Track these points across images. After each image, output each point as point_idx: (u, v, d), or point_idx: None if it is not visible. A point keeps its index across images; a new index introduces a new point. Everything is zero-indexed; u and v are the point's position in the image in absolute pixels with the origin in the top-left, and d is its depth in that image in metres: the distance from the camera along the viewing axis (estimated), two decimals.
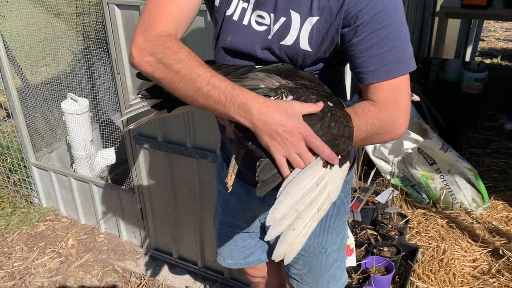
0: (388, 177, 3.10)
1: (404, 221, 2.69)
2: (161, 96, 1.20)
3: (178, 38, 1.11)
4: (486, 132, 4.02)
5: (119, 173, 3.02)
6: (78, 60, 2.80)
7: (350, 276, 2.24)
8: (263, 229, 1.52)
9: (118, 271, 2.67)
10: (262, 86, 1.04)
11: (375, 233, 2.58)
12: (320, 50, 1.11)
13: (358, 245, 2.49)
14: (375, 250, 2.44)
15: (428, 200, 3.06)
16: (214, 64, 1.17)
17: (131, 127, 1.35)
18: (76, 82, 2.81)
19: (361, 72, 1.07)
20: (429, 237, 2.75)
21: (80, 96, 2.77)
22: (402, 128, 1.07)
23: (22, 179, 3.13)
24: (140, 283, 2.56)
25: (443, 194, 2.99)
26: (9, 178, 3.18)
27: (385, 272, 2.32)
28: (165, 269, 2.67)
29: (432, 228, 2.81)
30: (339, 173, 1.01)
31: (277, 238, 1.45)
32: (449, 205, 3.00)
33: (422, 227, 2.84)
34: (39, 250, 2.82)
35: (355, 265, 2.17)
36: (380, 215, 2.70)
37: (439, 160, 3.03)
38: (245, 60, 1.20)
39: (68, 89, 2.75)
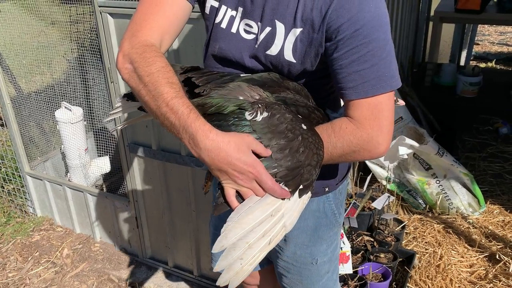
0: (384, 182, 3.10)
1: (400, 226, 2.68)
2: None
3: (165, 46, 1.13)
4: (481, 136, 4.03)
5: (114, 182, 3.00)
6: (73, 68, 2.79)
7: (346, 284, 2.23)
8: None
9: (113, 281, 2.65)
10: (241, 98, 1.03)
11: (372, 239, 2.57)
12: (305, 62, 1.10)
13: (354, 251, 2.47)
14: (371, 257, 2.43)
15: (424, 205, 3.05)
16: (199, 70, 1.16)
17: (119, 127, 1.35)
18: (71, 90, 2.80)
19: (341, 87, 1.05)
20: (426, 242, 2.74)
21: (74, 104, 2.76)
22: (381, 148, 1.05)
23: (17, 188, 3.11)
24: None
25: (439, 199, 2.98)
26: (3, 188, 3.16)
27: (382, 279, 2.31)
28: (161, 278, 2.65)
29: (429, 234, 2.81)
30: (298, 204, 0.98)
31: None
32: (446, 210, 3.00)
33: (418, 233, 2.83)
34: (34, 260, 2.80)
35: (352, 272, 2.15)
36: (376, 221, 2.69)
37: (435, 165, 3.03)
38: (233, 69, 1.20)
39: (62, 98, 2.74)
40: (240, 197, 0.95)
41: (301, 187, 0.97)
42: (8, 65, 2.80)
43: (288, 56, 1.11)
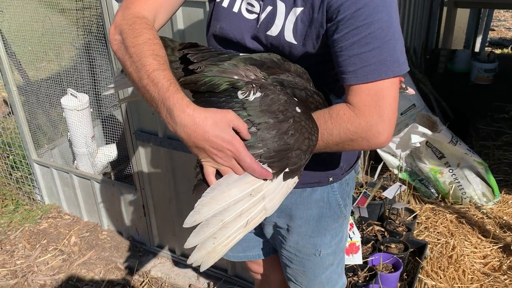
0: (395, 171, 3.04)
1: (412, 216, 2.62)
2: None
3: (159, 21, 1.10)
4: (496, 124, 3.93)
5: (121, 170, 2.98)
6: (80, 55, 2.75)
7: (356, 274, 2.18)
8: (260, 225, 1.47)
9: (120, 269, 2.64)
10: (235, 77, 0.98)
11: (382, 229, 2.52)
12: (307, 44, 1.05)
13: (364, 241, 2.42)
14: (382, 247, 2.38)
15: (436, 195, 2.99)
16: (197, 47, 1.11)
17: (121, 103, 1.31)
18: (78, 77, 2.76)
19: (341, 71, 1.00)
20: (438, 232, 2.68)
21: (81, 91, 2.73)
22: (381, 137, 0.99)
23: (25, 176, 3.10)
24: (143, 281, 2.52)
25: (452, 189, 2.91)
26: (12, 175, 3.15)
27: (392, 270, 2.26)
28: (168, 267, 2.63)
29: (441, 224, 2.74)
30: (281, 187, 0.94)
31: (274, 234, 1.41)
32: (458, 199, 2.93)
33: (430, 223, 2.77)
34: (42, 248, 2.80)
35: (361, 263, 2.11)
36: (387, 210, 2.63)
37: (448, 153, 2.95)
38: (234, 50, 1.15)
39: (69, 85, 2.71)
40: (220, 176, 0.91)
41: (286, 170, 0.92)
42: (15, 52, 2.77)
43: (289, 37, 1.06)
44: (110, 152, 2.83)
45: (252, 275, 1.79)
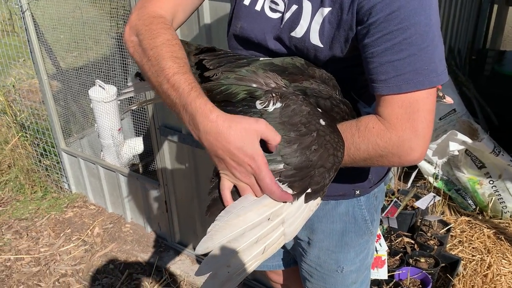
0: (431, 179, 2.87)
1: (445, 229, 2.47)
2: None
3: (178, 20, 1.04)
4: None
5: (146, 164, 2.96)
6: (112, 46, 2.73)
7: None
8: None
9: (141, 263, 2.62)
10: (254, 85, 0.90)
11: (412, 242, 2.38)
12: (334, 47, 0.96)
13: (392, 253, 2.30)
14: (410, 260, 2.24)
15: (474, 207, 2.80)
16: (214, 51, 1.03)
17: (133, 107, 1.25)
18: (109, 69, 2.74)
19: (371, 79, 0.90)
20: (473, 248, 2.51)
21: (112, 83, 2.70)
22: (415, 154, 0.89)
23: (53, 164, 3.13)
24: (162, 278, 2.49)
25: (492, 201, 2.72)
26: (41, 163, 3.19)
27: (420, 286, 2.13)
28: (188, 264, 2.59)
29: (477, 239, 2.57)
30: (302, 210, 0.84)
31: (294, 246, 1.33)
32: (498, 213, 2.73)
33: (465, 237, 2.60)
34: (66, 237, 2.82)
35: (386, 278, 1.98)
36: (419, 221, 2.49)
37: (489, 163, 2.76)
38: (256, 51, 1.07)
39: (99, 76, 2.69)
40: (238, 194, 0.83)
41: (309, 190, 0.83)
42: (47, 40, 2.78)
43: (314, 39, 0.96)
44: (136, 145, 2.81)
45: (272, 284, 1.73)
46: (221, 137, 0.79)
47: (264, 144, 0.82)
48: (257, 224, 0.80)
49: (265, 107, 0.88)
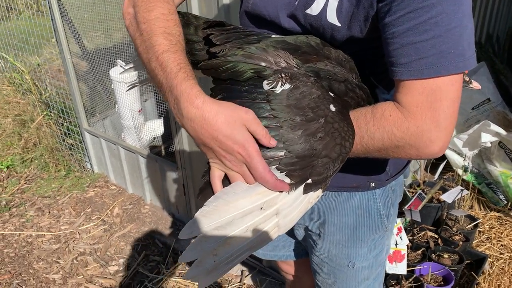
0: (460, 172, 2.74)
1: (473, 224, 2.35)
2: None
3: None
4: None
5: (166, 146, 2.94)
6: None
7: (399, 283, 1.98)
8: None
9: (158, 246, 2.62)
10: (263, 64, 0.84)
11: (436, 236, 2.27)
12: (353, 27, 0.88)
13: (414, 247, 2.20)
14: (433, 256, 2.14)
15: (505, 202, 2.66)
16: (223, 26, 0.97)
17: (137, 85, 1.20)
18: (131, 48, 2.72)
19: (391, 62, 0.82)
20: (502, 245, 2.38)
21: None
22: (434, 146, 0.81)
23: (76, 143, 3.16)
24: (177, 261, 2.48)
25: None
26: (65, 142, 3.22)
27: (442, 283, 2.03)
28: None
29: (507, 236, 2.44)
30: (300, 201, 0.78)
31: (305, 237, 1.27)
32: None
33: (494, 233, 2.47)
34: (86, 216, 2.84)
35: (405, 273, 1.90)
36: (444, 215, 2.37)
37: None
38: (269, 30, 1.00)
39: (121, 56, 2.67)
40: (229, 182, 0.78)
41: (309, 181, 0.77)
42: (72, 19, 2.77)
43: (332, 17, 0.89)
44: (156, 127, 2.79)
45: (283, 275, 1.68)
46: (208, 125, 0.73)
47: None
48: (248, 213, 0.74)
49: (272, 88, 0.82)
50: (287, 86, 0.81)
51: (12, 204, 2.94)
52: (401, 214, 2.36)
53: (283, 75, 0.82)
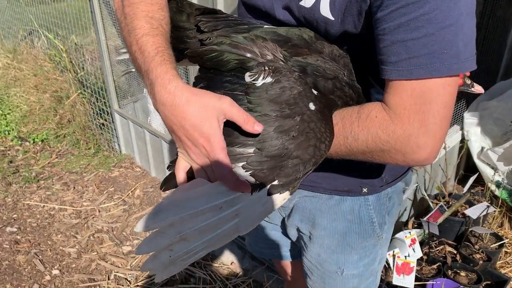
0: (492, 187, 2.58)
1: (498, 244, 2.21)
2: None
3: None
4: None
5: None
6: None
7: None
8: (284, 224, 1.30)
9: None
10: (248, 55, 0.80)
11: (455, 252, 2.16)
12: (346, 21, 0.83)
13: (429, 261, 2.10)
14: (449, 272, 2.03)
15: None
16: (215, 14, 0.94)
17: (132, 70, 1.20)
18: None
19: (381, 61, 0.77)
20: None
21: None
22: (422, 153, 0.75)
23: (107, 124, 3.23)
24: None
25: None
26: (96, 121, 3.31)
27: None
28: None
29: None
30: (263, 203, 0.74)
31: (298, 238, 1.23)
32: None
33: None
34: (108, 195, 2.91)
35: (412, 287, 1.81)
36: (468, 231, 2.25)
37: None
38: (265, 21, 0.97)
39: None
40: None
41: (275, 182, 0.73)
42: (109, 1, 2.82)
43: (325, 11, 0.84)
44: None
45: (282, 276, 1.64)
46: (177, 111, 0.71)
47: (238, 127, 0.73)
48: (206, 211, 0.71)
49: (253, 80, 0.79)
50: (268, 79, 0.78)
51: (41, 177, 3.06)
52: (420, 225, 2.26)
53: (266, 68, 0.79)
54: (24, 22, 3.93)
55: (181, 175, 0.76)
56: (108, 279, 2.29)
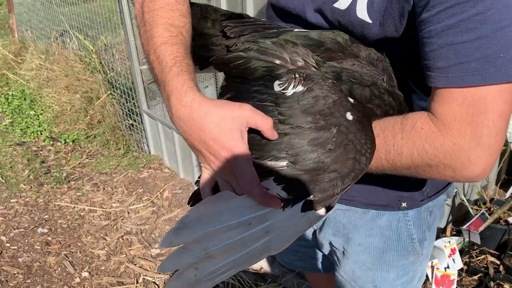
0: None
1: None
2: None
3: None
4: None
5: None
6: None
7: None
8: (315, 236, 1.24)
9: None
10: (277, 62, 0.75)
11: (498, 262, 2.03)
12: (386, 24, 0.76)
13: (470, 271, 1.99)
14: (491, 284, 1.92)
15: None
16: (241, 18, 0.89)
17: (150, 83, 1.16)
18: None
19: (427, 66, 0.70)
20: None
21: None
22: (474, 169, 0.68)
23: (136, 124, 3.23)
24: None
25: None
26: (125, 121, 3.31)
27: None
28: None
29: None
30: (297, 220, 0.68)
31: (330, 252, 1.16)
32: None
33: None
34: (137, 196, 2.90)
35: None
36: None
37: None
38: (295, 25, 0.90)
39: None
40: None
41: (310, 198, 0.67)
42: None
43: (362, 13, 0.77)
44: None
45: (312, 286, 1.58)
46: (195, 125, 0.66)
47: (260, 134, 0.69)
48: (234, 227, 0.66)
49: (283, 89, 0.73)
50: (299, 88, 0.72)
51: (72, 177, 3.08)
52: (459, 232, 2.14)
53: (297, 75, 0.73)
54: (56, 23, 3.97)
55: (207, 190, 0.71)
56: (137, 282, 2.27)
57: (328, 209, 0.69)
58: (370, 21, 0.77)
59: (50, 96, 3.66)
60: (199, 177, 0.75)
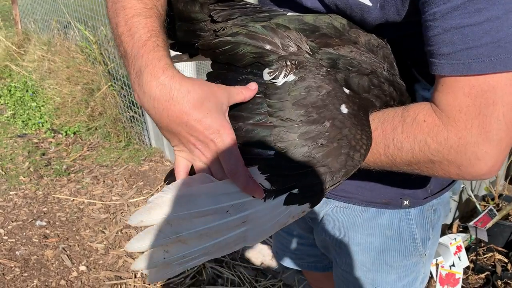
0: None
1: None
2: (170, 36, 0.91)
3: None
4: None
5: None
6: None
7: None
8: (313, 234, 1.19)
9: None
10: (268, 47, 0.70)
11: (506, 260, 1.97)
12: (387, 7, 0.70)
13: (476, 270, 1.92)
14: (499, 282, 1.85)
15: None
16: (229, 1, 0.82)
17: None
18: None
19: (431, 52, 0.63)
20: None
21: None
22: (481, 166, 0.61)
23: (137, 116, 3.18)
24: None
25: None
26: (126, 113, 3.27)
27: None
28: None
29: None
30: (278, 213, 0.63)
31: (333, 245, 1.11)
32: None
33: None
34: (137, 189, 2.86)
35: None
36: None
37: None
38: (290, 10, 0.84)
39: None
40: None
41: (295, 191, 0.62)
42: None
43: None
44: None
45: (310, 284, 1.53)
46: (176, 105, 0.60)
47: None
48: (210, 213, 0.62)
49: (273, 78, 0.68)
50: (291, 77, 0.67)
51: (72, 170, 3.05)
52: (466, 229, 2.07)
53: (288, 63, 0.68)
54: (58, 14, 3.93)
55: (181, 175, 0.66)
56: (135, 277, 2.24)
57: (313, 204, 0.64)
58: (370, 4, 0.71)
59: (52, 87, 3.62)
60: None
